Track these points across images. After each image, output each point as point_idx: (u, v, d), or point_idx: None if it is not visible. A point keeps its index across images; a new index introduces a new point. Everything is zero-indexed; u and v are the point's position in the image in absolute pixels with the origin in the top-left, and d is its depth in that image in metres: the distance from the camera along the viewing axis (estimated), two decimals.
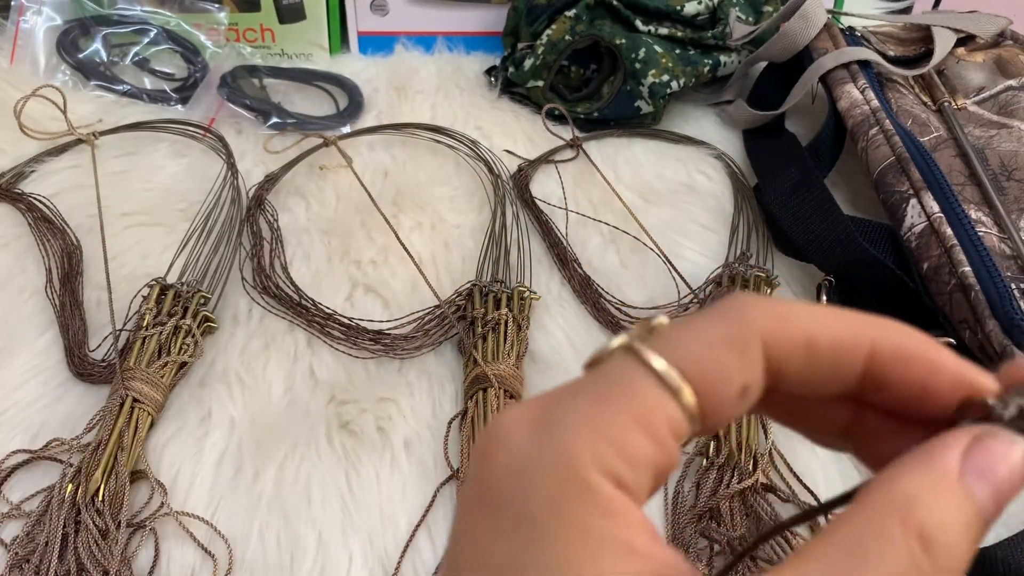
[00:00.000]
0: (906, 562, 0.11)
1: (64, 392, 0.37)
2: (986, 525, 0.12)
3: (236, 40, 0.60)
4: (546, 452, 0.11)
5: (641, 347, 0.12)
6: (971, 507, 0.12)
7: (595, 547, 0.11)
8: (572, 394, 0.12)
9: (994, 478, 0.12)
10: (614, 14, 0.55)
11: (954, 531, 0.11)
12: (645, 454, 0.11)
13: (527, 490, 0.11)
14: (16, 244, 0.45)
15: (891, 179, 0.43)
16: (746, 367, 0.12)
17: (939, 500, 0.12)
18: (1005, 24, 0.53)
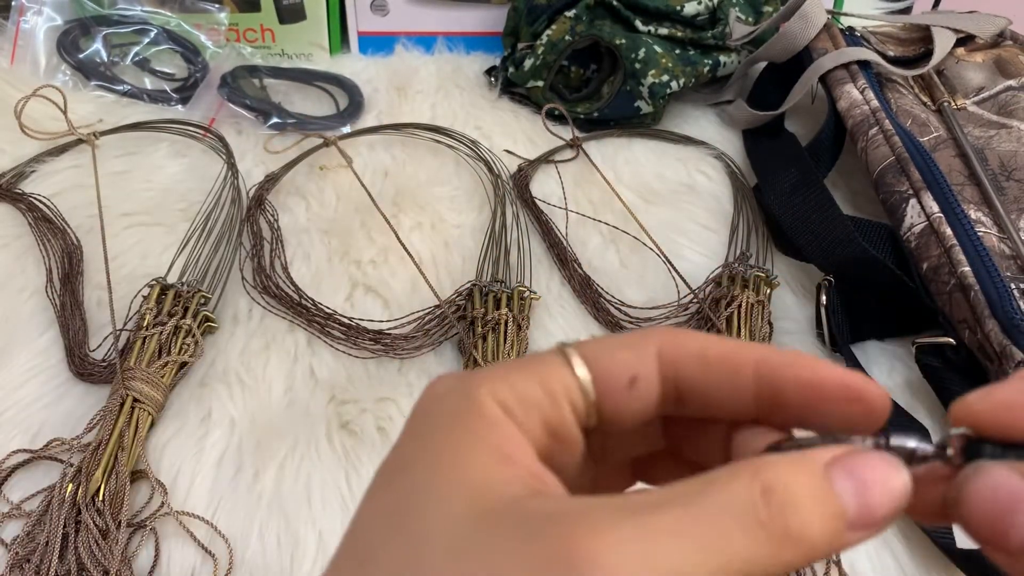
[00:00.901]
0: (743, 501, 0.12)
1: (64, 392, 0.37)
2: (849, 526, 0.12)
3: (236, 40, 0.60)
4: (456, 386, 0.14)
5: (562, 344, 0.14)
6: (827, 493, 0.12)
7: (475, 449, 0.13)
8: (498, 363, 0.14)
9: (859, 479, 0.12)
10: (614, 14, 0.55)
11: (801, 498, 0.12)
12: (534, 398, 0.13)
13: (434, 410, 0.14)
14: (16, 244, 0.45)
15: (891, 179, 0.43)
16: (637, 361, 0.14)
17: (794, 472, 0.12)
18: (1004, 24, 0.53)
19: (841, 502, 0.12)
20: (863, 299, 0.40)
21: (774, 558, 0.12)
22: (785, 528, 0.12)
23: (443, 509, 0.12)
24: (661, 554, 0.11)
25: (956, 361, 0.36)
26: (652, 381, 0.14)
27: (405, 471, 0.13)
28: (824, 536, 0.12)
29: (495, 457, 0.13)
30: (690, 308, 0.42)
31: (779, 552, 0.12)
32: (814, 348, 0.40)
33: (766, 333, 0.40)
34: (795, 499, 0.12)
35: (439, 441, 0.13)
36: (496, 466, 0.13)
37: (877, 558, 0.32)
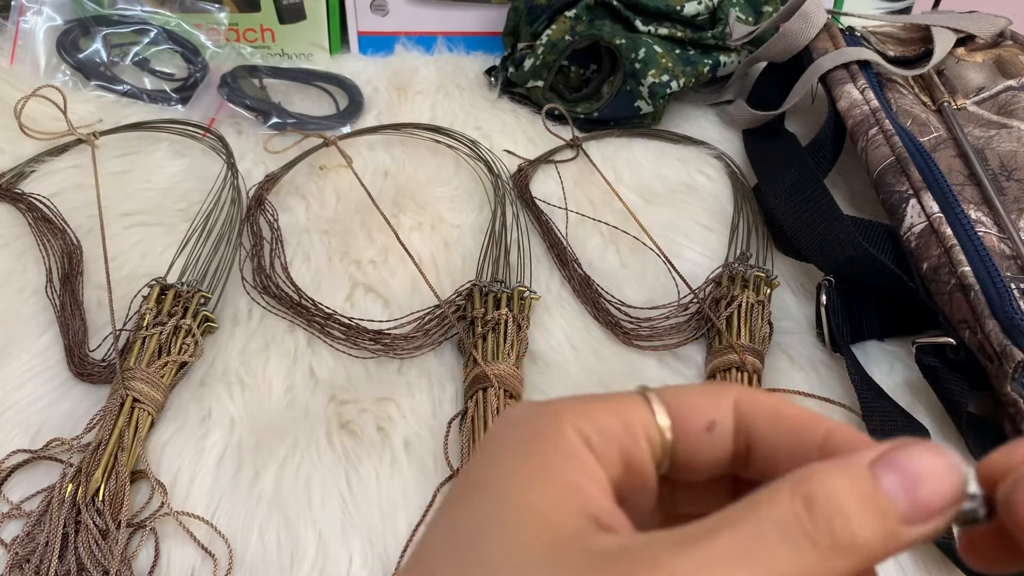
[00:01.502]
0: (786, 512, 0.12)
1: (64, 392, 0.37)
2: (904, 522, 0.12)
3: (236, 40, 0.60)
4: (535, 412, 0.14)
5: (643, 387, 0.15)
6: (872, 493, 0.12)
7: (549, 476, 0.13)
8: (576, 396, 0.14)
9: (907, 473, 0.12)
10: (614, 14, 0.55)
11: (844, 503, 0.12)
12: (613, 430, 0.14)
13: (512, 433, 0.14)
14: (16, 244, 0.45)
15: (891, 179, 0.43)
16: (715, 408, 0.14)
17: (836, 477, 0.12)
18: (1005, 24, 0.53)
19: (889, 500, 0.12)
20: (863, 299, 0.40)
21: (825, 568, 0.12)
22: (832, 536, 0.12)
23: (510, 537, 0.12)
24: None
25: (956, 361, 0.36)
26: (727, 429, 0.14)
27: (476, 496, 0.13)
28: (876, 537, 0.12)
29: (568, 489, 0.13)
30: (690, 308, 0.42)
31: (830, 561, 0.12)
32: (814, 348, 0.40)
33: (766, 333, 0.40)
34: (839, 505, 0.12)
35: (513, 466, 0.13)
36: (568, 498, 0.13)
37: None
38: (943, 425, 0.37)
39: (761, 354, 0.38)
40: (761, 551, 0.12)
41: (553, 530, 0.12)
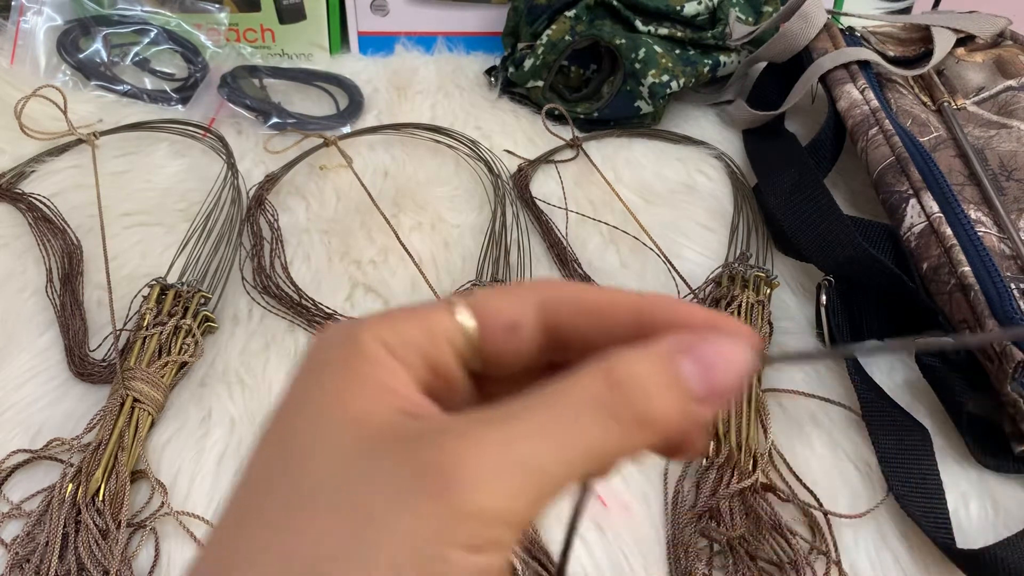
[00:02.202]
0: (591, 390, 0.13)
1: (64, 392, 0.37)
2: (697, 402, 0.13)
3: (236, 40, 0.60)
4: (340, 331, 0.14)
5: (449, 297, 0.15)
6: (672, 377, 0.13)
7: (359, 382, 0.13)
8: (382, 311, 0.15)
9: (703, 361, 0.13)
10: (614, 14, 0.55)
11: (644, 381, 0.13)
12: (414, 337, 0.14)
13: (318, 354, 0.14)
14: (16, 244, 0.45)
15: (891, 179, 0.43)
16: (517, 307, 0.15)
17: (637, 359, 0.13)
18: (1004, 24, 0.53)
19: (687, 383, 0.13)
20: (863, 299, 0.40)
21: (628, 441, 0.13)
22: (634, 413, 0.13)
23: (328, 442, 0.13)
24: (522, 452, 0.12)
25: (956, 361, 0.36)
26: (531, 326, 0.15)
27: (294, 414, 0.14)
28: (673, 414, 0.13)
29: (374, 389, 0.13)
30: None
31: (632, 435, 0.13)
32: (814, 348, 0.40)
33: (766, 333, 0.39)
34: (641, 385, 0.13)
35: (324, 383, 0.14)
36: (377, 397, 0.13)
37: (877, 558, 0.32)
38: (943, 425, 0.37)
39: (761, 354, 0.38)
40: (569, 426, 0.13)
41: (366, 429, 0.13)
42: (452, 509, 0.12)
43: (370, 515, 0.12)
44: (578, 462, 0.13)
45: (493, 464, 0.12)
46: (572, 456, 0.13)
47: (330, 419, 0.13)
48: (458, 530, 0.12)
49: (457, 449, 0.12)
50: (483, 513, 0.12)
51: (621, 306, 0.15)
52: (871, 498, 0.34)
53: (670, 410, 0.13)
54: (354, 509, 0.12)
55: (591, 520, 0.33)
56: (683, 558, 0.31)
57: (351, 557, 0.12)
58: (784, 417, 0.37)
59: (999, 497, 0.34)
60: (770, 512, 0.32)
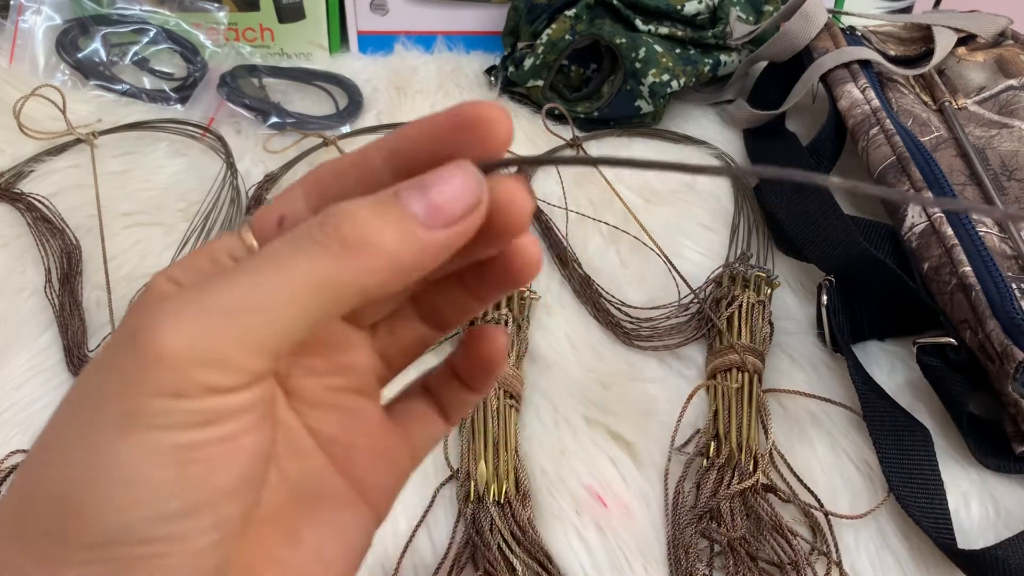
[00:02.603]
0: (304, 234, 0.13)
1: (63, 392, 0.37)
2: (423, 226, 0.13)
3: (235, 39, 0.59)
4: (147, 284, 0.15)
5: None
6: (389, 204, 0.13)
7: (152, 313, 0.13)
8: None
9: (423, 185, 0.13)
10: (614, 13, 0.55)
11: (358, 212, 0.13)
12: (199, 264, 0.15)
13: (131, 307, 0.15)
14: (15, 244, 0.45)
15: (892, 179, 0.42)
16: (285, 204, 0.15)
17: (360, 202, 0.13)
18: (1006, 24, 0.52)
19: (406, 207, 0.13)
20: (864, 299, 0.40)
21: (345, 269, 0.13)
22: (341, 237, 0.13)
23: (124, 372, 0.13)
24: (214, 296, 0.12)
25: (957, 361, 0.36)
26: (302, 215, 0.15)
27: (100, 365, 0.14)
28: (392, 238, 0.13)
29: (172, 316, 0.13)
30: (691, 308, 0.42)
31: (346, 260, 0.13)
32: (815, 348, 0.40)
33: (767, 333, 0.39)
34: (351, 214, 0.13)
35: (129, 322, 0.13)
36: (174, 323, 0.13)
37: (878, 559, 0.32)
38: (944, 425, 0.37)
39: (762, 354, 0.38)
40: (269, 262, 0.13)
41: None
42: (139, 359, 0.12)
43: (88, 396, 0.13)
44: (284, 295, 0.12)
45: (179, 309, 0.12)
46: (280, 289, 0.12)
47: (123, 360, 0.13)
48: (152, 377, 0.12)
49: (154, 307, 0.12)
50: (173, 356, 0.12)
51: (371, 155, 0.15)
52: (872, 498, 0.34)
53: (384, 230, 0.13)
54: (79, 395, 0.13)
55: (591, 521, 0.33)
56: (684, 559, 0.31)
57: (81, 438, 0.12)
58: (785, 417, 0.37)
59: (1000, 497, 0.34)
60: (771, 513, 0.32)
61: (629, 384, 0.39)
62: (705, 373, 0.39)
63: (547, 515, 0.33)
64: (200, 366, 0.12)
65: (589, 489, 0.34)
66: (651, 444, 0.35)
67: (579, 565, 0.31)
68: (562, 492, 0.33)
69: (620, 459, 0.35)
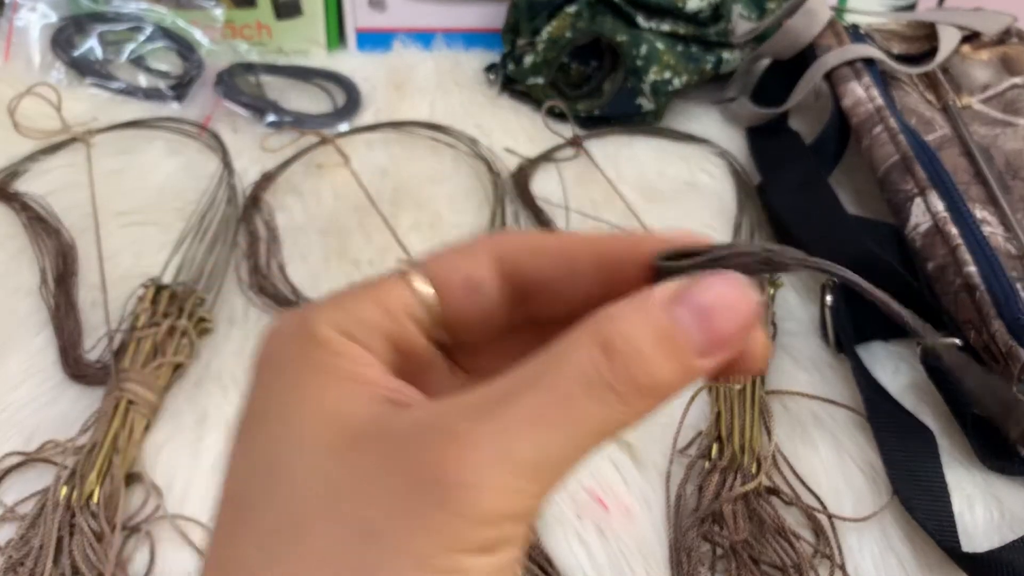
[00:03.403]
0: (586, 365, 0.12)
1: (59, 394, 0.37)
2: (699, 356, 0.12)
3: (232, 37, 0.59)
4: (294, 324, 0.13)
5: (401, 261, 0.14)
6: (669, 331, 0.12)
7: (326, 377, 0.12)
8: (334, 293, 0.14)
9: (700, 307, 0.12)
10: (615, 11, 0.54)
11: (639, 343, 0.12)
12: (373, 318, 0.13)
13: (278, 352, 0.13)
14: (10, 244, 0.44)
15: (896, 178, 0.42)
16: (471, 264, 0.14)
17: (629, 319, 0.12)
18: (1010, 21, 0.52)
19: (686, 336, 0.12)
20: (868, 300, 0.39)
21: (632, 413, 0.12)
22: (634, 383, 0.12)
23: (309, 449, 0.12)
24: (523, 447, 0.11)
25: None
26: (491, 281, 0.14)
27: (265, 421, 0.13)
28: (675, 375, 0.12)
29: (346, 382, 0.12)
30: None
31: (635, 406, 0.12)
32: (818, 349, 0.40)
33: (770, 334, 0.39)
34: (637, 349, 0.12)
35: (290, 383, 0.13)
36: (349, 390, 0.12)
37: (882, 562, 0.32)
38: (948, 427, 0.36)
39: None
40: (566, 408, 0.11)
41: (347, 425, 0.12)
42: (459, 517, 0.11)
43: (371, 532, 0.11)
44: (580, 444, 0.12)
45: (492, 463, 0.11)
46: (573, 441, 0.12)
47: (305, 422, 0.12)
48: (467, 536, 0.11)
49: (452, 450, 0.11)
50: (489, 515, 0.11)
51: (581, 249, 0.14)
52: (875, 501, 0.34)
53: (672, 371, 0.12)
54: (352, 527, 0.11)
55: (592, 523, 0.32)
56: (685, 562, 0.31)
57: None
58: (788, 419, 0.37)
59: (1005, 500, 0.34)
60: (773, 515, 0.32)
61: None
62: None
63: (548, 518, 0.32)
64: (510, 522, 0.12)
65: (590, 492, 0.33)
66: (652, 446, 0.35)
67: (580, 568, 0.31)
68: (563, 495, 0.33)
69: (621, 461, 0.34)
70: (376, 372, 0.13)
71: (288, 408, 0.12)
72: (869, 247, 0.39)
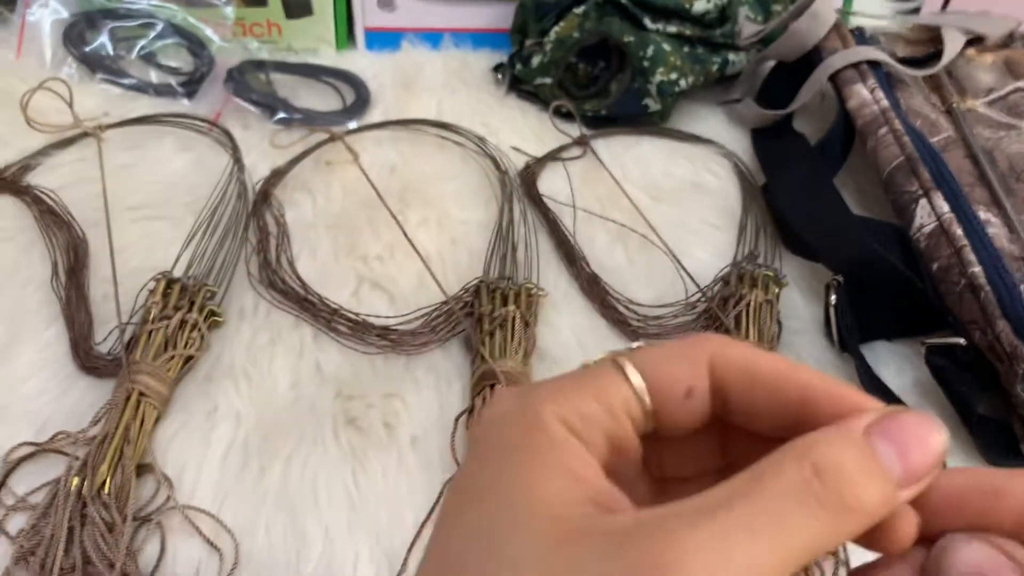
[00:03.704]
0: (798, 484, 0.12)
1: (70, 385, 0.37)
2: (898, 486, 0.13)
3: (243, 35, 0.59)
4: (519, 408, 0.14)
5: (615, 353, 0.15)
6: (872, 461, 0.13)
7: (548, 470, 0.13)
8: (553, 380, 0.15)
9: (899, 442, 0.13)
10: (623, 12, 0.54)
11: (850, 470, 0.13)
12: (595, 414, 0.14)
13: (502, 433, 0.14)
14: (22, 237, 0.44)
15: (901, 179, 0.42)
16: (691, 372, 0.14)
17: (836, 445, 0.13)
18: (1015, 25, 0.52)
19: (887, 467, 0.13)
20: (872, 299, 0.39)
21: (837, 530, 0.13)
22: (842, 502, 0.12)
23: (524, 534, 0.13)
24: (738, 551, 0.12)
25: (966, 362, 0.36)
26: (704, 392, 0.15)
27: (484, 496, 0.13)
28: (878, 501, 0.13)
29: (566, 478, 0.13)
30: (698, 307, 0.42)
31: (841, 525, 0.13)
32: (823, 348, 0.40)
33: (775, 333, 0.39)
34: (846, 473, 0.13)
35: (511, 464, 0.13)
36: (569, 487, 0.13)
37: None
38: (953, 426, 0.37)
39: None
40: (778, 517, 0.12)
41: (563, 521, 0.13)
42: None
43: None
44: (789, 556, 0.12)
45: (710, 563, 0.12)
46: (785, 549, 0.12)
47: (522, 508, 0.13)
48: None
49: (672, 546, 0.12)
50: None
51: (792, 382, 0.14)
52: None
53: (875, 496, 0.13)
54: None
55: None
56: None
57: None
58: None
59: None
60: None
61: None
62: None
63: None
64: None
65: None
66: None
67: None
68: None
69: None
70: (592, 472, 0.13)
71: (510, 490, 0.13)
72: (874, 247, 0.39)
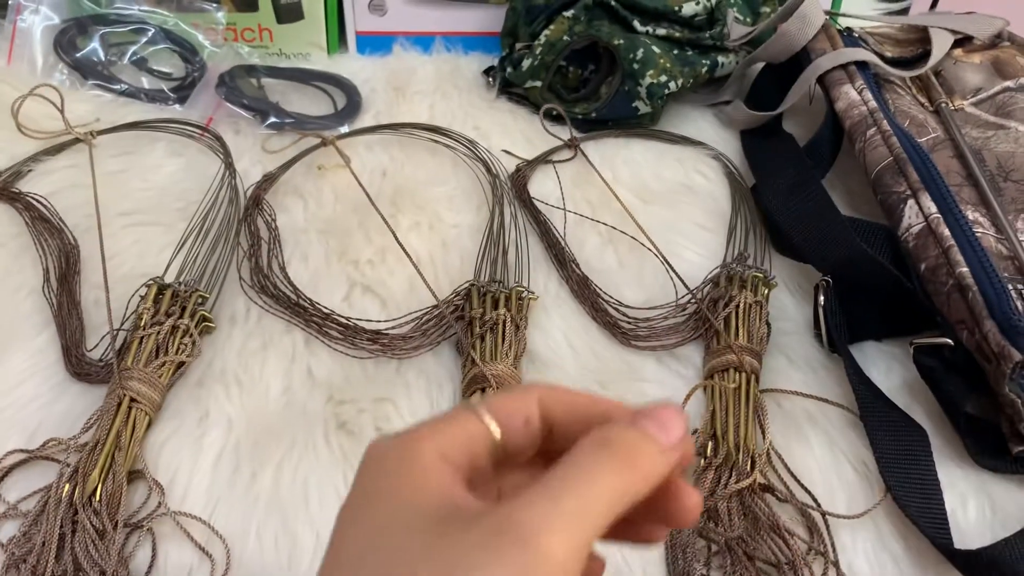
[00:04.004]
0: (599, 452, 0.17)
1: (61, 392, 0.37)
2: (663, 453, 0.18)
3: (234, 40, 0.60)
4: (398, 444, 0.18)
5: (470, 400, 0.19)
6: (644, 432, 0.18)
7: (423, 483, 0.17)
8: (427, 421, 0.19)
9: (659, 420, 0.18)
10: (612, 15, 0.55)
11: (631, 439, 0.18)
12: (462, 445, 0.18)
13: (384, 462, 0.18)
14: (13, 243, 0.45)
15: (889, 180, 0.43)
16: (527, 407, 0.19)
17: (620, 427, 0.18)
18: (1002, 25, 0.53)
19: (654, 436, 0.18)
20: (861, 300, 0.40)
21: (634, 483, 0.17)
22: (631, 461, 0.17)
23: (411, 526, 0.16)
24: (565, 502, 0.16)
25: (954, 362, 0.36)
26: (537, 421, 0.19)
27: (373, 506, 0.17)
28: (655, 459, 0.18)
29: (441, 488, 0.17)
30: (688, 308, 0.42)
31: (636, 477, 0.17)
32: (812, 348, 0.41)
33: (764, 333, 0.40)
34: (628, 440, 0.18)
35: (394, 482, 0.17)
36: (439, 495, 0.17)
37: (875, 559, 0.32)
38: (941, 425, 0.37)
39: (759, 354, 0.38)
40: (590, 478, 0.17)
41: (436, 516, 0.16)
42: (537, 554, 0.15)
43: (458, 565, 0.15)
44: (603, 504, 0.16)
45: (555, 515, 0.16)
46: (598, 500, 0.16)
47: (406, 511, 0.16)
48: (540, 573, 0.15)
49: (516, 508, 0.16)
50: (556, 557, 0.15)
51: (597, 408, 0.19)
52: (869, 498, 0.34)
53: (652, 455, 0.18)
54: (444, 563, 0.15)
55: None
56: (681, 558, 0.31)
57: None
58: (782, 417, 0.37)
59: (997, 497, 0.34)
60: (768, 512, 0.32)
61: (627, 384, 0.39)
62: (703, 373, 0.39)
63: None
64: (573, 562, 0.15)
65: None
66: None
67: None
68: None
69: None
70: (459, 487, 0.17)
71: (396, 500, 0.17)
72: (862, 248, 0.39)
